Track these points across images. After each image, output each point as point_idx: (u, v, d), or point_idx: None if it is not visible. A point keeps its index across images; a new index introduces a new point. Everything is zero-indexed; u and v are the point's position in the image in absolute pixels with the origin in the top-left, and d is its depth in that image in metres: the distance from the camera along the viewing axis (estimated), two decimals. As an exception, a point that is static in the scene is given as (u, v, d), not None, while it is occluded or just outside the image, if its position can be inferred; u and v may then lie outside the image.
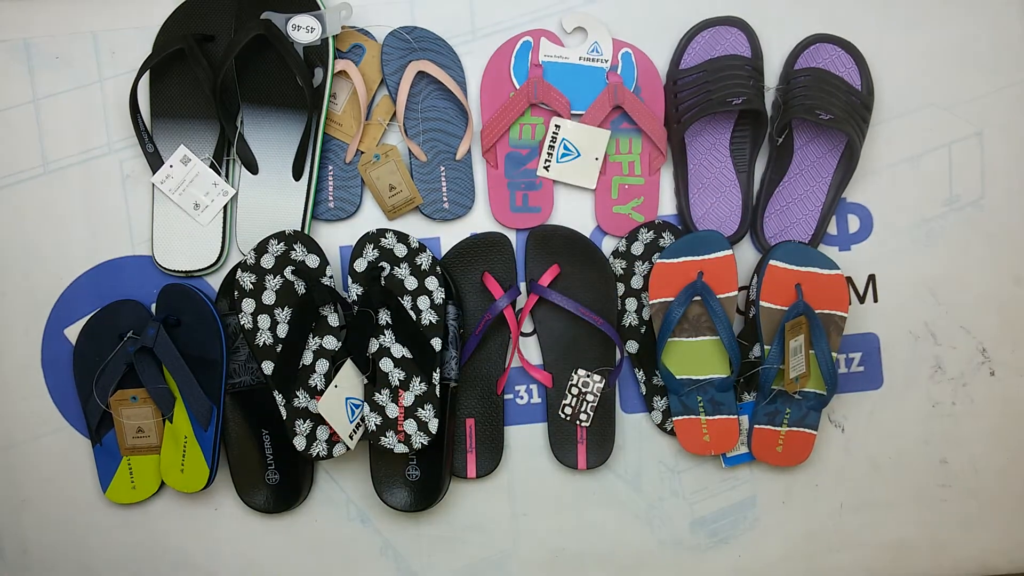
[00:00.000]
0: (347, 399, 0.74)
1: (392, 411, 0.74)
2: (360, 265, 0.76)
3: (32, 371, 0.80)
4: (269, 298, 0.74)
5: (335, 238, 0.81)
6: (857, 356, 0.83)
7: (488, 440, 0.80)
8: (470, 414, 0.80)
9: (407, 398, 0.74)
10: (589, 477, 0.82)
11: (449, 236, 0.82)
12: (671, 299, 0.77)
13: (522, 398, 0.82)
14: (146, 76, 0.78)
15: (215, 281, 0.80)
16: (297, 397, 0.74)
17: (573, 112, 0.81)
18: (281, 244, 0.75)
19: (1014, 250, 0.84)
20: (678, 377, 0.79)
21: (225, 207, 0.79)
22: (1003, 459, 0.84)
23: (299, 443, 0.74)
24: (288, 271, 0.75)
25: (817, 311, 0.77)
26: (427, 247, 0.77)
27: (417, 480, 0.78)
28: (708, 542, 0.83)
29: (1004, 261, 0.84)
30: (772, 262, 0.78)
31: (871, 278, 0.83)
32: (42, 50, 0.80)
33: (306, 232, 0.78)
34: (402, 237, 0.76)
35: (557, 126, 0.80)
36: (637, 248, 0.80)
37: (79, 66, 0.80)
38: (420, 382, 0.75)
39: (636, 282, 0.81)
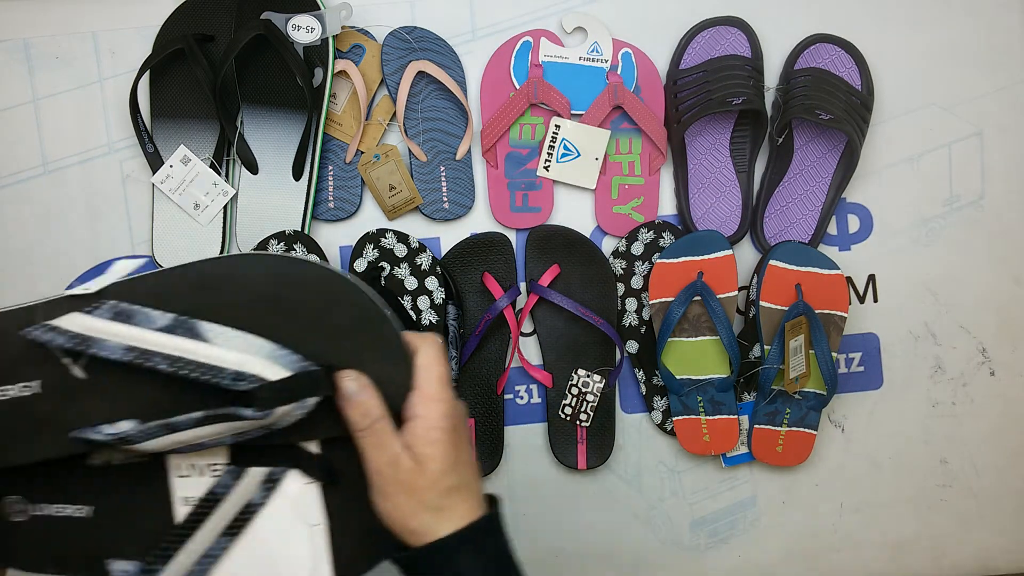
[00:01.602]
0: (347, 399, 0.74)
1: (392, 411, 0.74)
2: (360, 265, 0.76)
3: (32, 371, 0.80)
4: (269, 298, 0.74)
5: (335, 238, 0.81)
6: (857, 356, 0.83)
7: (488, 440, 0.80)
8: (470, 414, 0.80)
9: (407, 398, 0.74)
10: (589, 477, 0.82)
11: (449, 236, 0.81)
12: (671, 299, 0.77)
13: (522, 398, 0.82)
14: (146, 76, 0.78)
15: (215, 281, 0.80)
16: (297, 397, 0.74)
17: (573, 112, 0.81)
18: (281, 244, 0.75)
19: (1014, 250, 0.84)
20: (678, 377, 0.79)
21: (225, 207, 0.79)
22: (1003, 459, 0.84)
23: (299, 443, 0.74)
24: (288, 271, 0.74)
25: (817, 311, 0.77)
26: (427, 247, 0.76)
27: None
28: (708, 542, 0.83)
29: (1004, 261, 0.84)
30: (772, 262, 0.78)
31: (871, 278, 0.83)
32: (42, 50, 0.80)
33: (306, 232, 0.78)
34: (402, 237, 0.76)
35: (557, 126, 0.80)
36: (637, 248, 0.80)
37: (79, 66, 0.80)
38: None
39: (636, 282, 0.81)
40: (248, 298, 0.45)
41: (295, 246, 0.75)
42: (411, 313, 0.75)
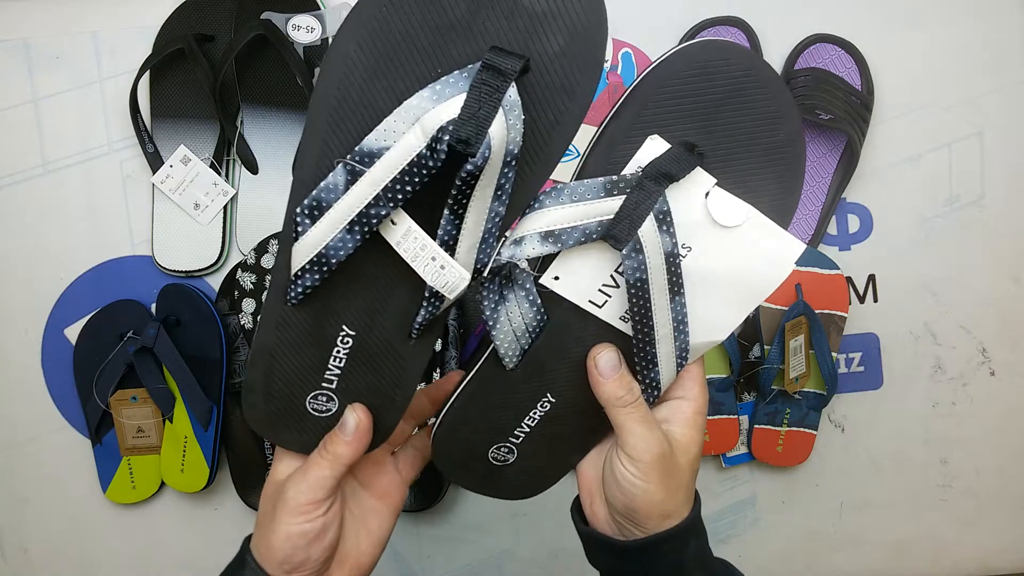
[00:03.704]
0: (347, 399, 0.74)
1: (392, 411, 0.74)
2: (360, 265, 0.76)
3: (32, 371, 0.80)
4: (269, 298, 0.74)
5: (335, 238, 0.81)
6: (857, 356, 0.83)
7: (488, 440, 0.80)
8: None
9: (407, 398, 0.74)
10: (589, 477, 0.82)
11: (449, 236, 0.81)
12: (671, 299, 0.77)
13: (522, 398, 0.82)
14: (146, 76, 0.78)
15: (215, 281, 0.80)
16: (297, 397, 0.74)
17: (573, 112, 0.80)
18: (281, 244, 0.75)
19: (1014, 250, 0.84)
20: (678, 377, 0.79)
21: (225, 207, 0.79)
22: (1003, 459, 0.84)
23: (299, 443, 0.74)
24: (288, 271, 0.74)
25: (817, 311, 0.77)
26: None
27: (417, 480, 0.78)
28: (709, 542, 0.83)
29: (1004, 261, 0.84)
30: (772, 262, 0.78)
31: (871, 278, 0.83)
32: (42, 50, 0.80)
33: (306, 232, 0.78)
34: (402, 237, 0.76)
35: (557, 126, 0.79)
36: (637, 248, 0.80)
37: (79, 66, 0.80)
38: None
39: (636, 282, 0.80)
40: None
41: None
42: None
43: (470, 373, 0.47)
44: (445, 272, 0.41)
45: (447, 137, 0.36)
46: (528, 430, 0.48)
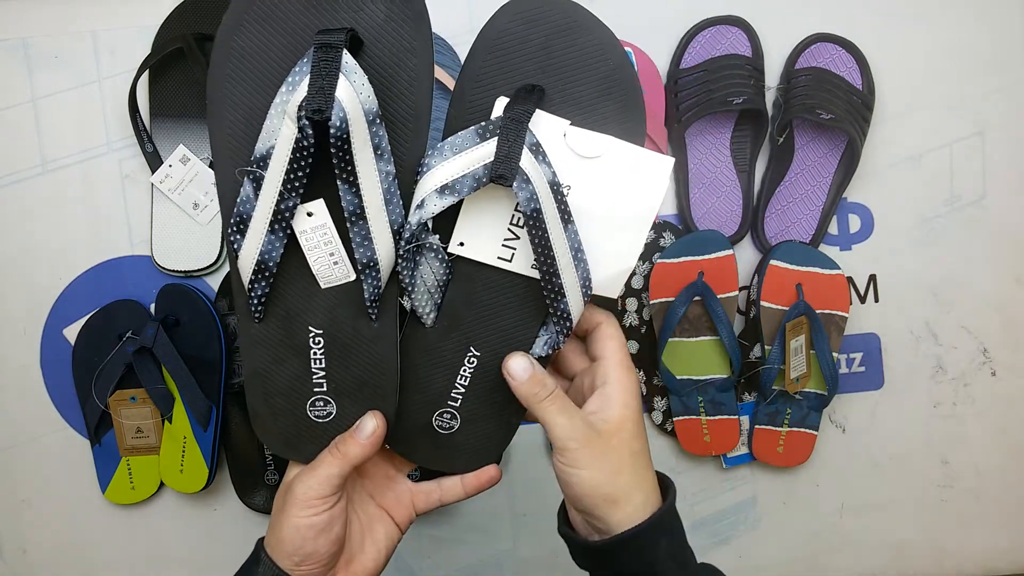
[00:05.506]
0: (347, 399, 0.74)
1: (392, 411, 0.74)
2: (359, 265, 0.76)
3: (31, 371, 0.80)
4: (268, 298, 0.74)
5: (335, 238, 0.81)
6: (858, 356, 0.83)
7: (488, 440, 0.80)
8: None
9: (407, 398, 0.74)
10: (589, 477, 0.82)
11: (449, 236, 0.81)
12: (672, 299, 0.77)
13: (522, 398, 0.82)
14: (145, 75, 0.78)
15: (214, 281, 0.80)
16: (296, 397, 0.74)
17: (573, 112, 0.80)
18: (280, 244, 0.75)
19: (1016, 250, 0.84)
20: (678, 377, 0.79)
21: (224, 207, 0.79)
22: (1004, 460, 0.84)
23: (298, 443, 0.74)
24: (287, 271, 0.74)
25: (818, 311, 0.77)
26: (427, 247, 0.76)
27: (417, 480, 0.78)
28: (708, 543, 0.83)
29: (1006, 261, 0.84)
30: (773, 262, 0.78)
31: (872, 278, 0.83)
32: (41, 50, 0.80)
33: (305, 232, 0.78)
34: (402, 237, 0.76)
35: (557, 126, 0.79)
36: (637, 248, 0.80)
37: (78, 66, 0.80)
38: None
39: (636, 282, 0.80)
40: None
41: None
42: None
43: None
44: (336, 267, 0.46)
45: (304, 113, 0.41)
46: (464, 391, 0.51)
